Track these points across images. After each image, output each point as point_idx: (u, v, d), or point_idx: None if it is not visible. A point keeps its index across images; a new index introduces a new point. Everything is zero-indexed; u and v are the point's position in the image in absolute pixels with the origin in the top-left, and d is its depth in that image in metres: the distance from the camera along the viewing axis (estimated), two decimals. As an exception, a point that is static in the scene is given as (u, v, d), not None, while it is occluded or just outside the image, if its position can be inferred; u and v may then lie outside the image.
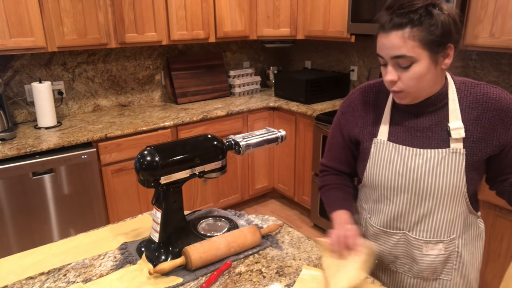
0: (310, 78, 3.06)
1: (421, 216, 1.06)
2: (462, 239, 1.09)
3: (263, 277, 1.05)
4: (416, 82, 0.95)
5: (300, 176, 3.12)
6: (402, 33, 0.91)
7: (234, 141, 1.20)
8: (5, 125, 2.32)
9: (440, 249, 1.07)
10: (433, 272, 1.10)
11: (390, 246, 1.13)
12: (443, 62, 0.96)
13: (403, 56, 0.92)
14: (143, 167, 1.03)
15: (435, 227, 1.06)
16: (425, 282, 1.12)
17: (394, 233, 1.11)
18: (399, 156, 1.05)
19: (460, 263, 1.09)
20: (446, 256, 1.08)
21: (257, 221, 1.34)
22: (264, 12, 3.20)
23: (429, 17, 0.90)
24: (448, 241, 1.07)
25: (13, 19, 2.20)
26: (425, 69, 0.94)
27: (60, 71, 2.76)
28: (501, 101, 0.98)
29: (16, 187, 2.15)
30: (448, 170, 1.01)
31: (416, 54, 0.92)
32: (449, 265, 1.09)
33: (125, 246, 1.18)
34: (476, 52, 2.45)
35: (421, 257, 1.09)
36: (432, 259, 1.08)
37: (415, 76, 0.94)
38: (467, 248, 1.10)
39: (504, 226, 1.94)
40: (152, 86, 3.23)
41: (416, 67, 0.93)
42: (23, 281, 1.05)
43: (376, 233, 1.15)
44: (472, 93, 1.01)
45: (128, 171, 2.55)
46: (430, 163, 1.01)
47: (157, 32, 2.76)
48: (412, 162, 1.03)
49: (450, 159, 1.00)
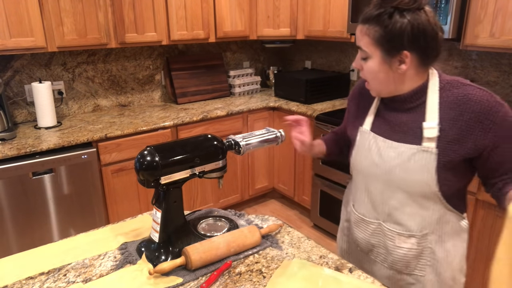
0: (310, 78, 3.06)
1: (393, 208, 1.10)
2: (436, 236, 1.09)
3: (263, 277, 1.05)
4: (372, 77, 1.04)
5: (300, 176, 3.13)
6: (362, 28, 1.00)
7: (234, 141, 1.20)
8: (5, 125, 2.32)
9: (413, 243, 1.09)
10: (406, 265, 1.12)
11: (368, 234, 1.19)
12: (398, 67, 0.99)
13: (360, 48, 1.02)
14: (143, 167, 1.03)
15: (406, 221, 1.09)
16: (400, 275, 1.15)
17: (371, 222, 1.17)
18: (376, 146, 1.10)
19: (433, 259, 1.10)
20: (419, 251, 1.10)
21: (257, 221, 1.34)
22: (264, 12, 3.20)
23: (388, 19, 0.95)
24: (420, 236, 1.09)
25: (13, 19, 2.20)
26: (377, 67, 1.01)
27: (60, 71, 2.76)
28: (481, 103, 0.97)
29: (16, 187, 2.15)
30: (418, 167, 1.02)
31: (369, 50, 1.00)
32: (422, 261, 1.11)
33: (125, 246, 1.18)
34: (476, 52, 2.45)
35: (394, 249, 1.12)
36: (404, 252, 1.11)
37: (369, 70, 1.03)
38: (443, 246, 1.10)
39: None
40: (152, 86, 3.23)
41: (369, 62, 1.02)
42: (23, 281, 1.05)
43: (358, 220, 1.21)
44: (454, 93, 1.01)
45: (128, 171, 2.55)
46: (401, 157, 1.05)
47: (157, 32, 2.76)
48: (386, 153, 1.08)
49: (420, 157, 1.02)
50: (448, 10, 2.16)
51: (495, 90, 2.40)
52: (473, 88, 1.00)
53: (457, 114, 0.99)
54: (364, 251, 1.23)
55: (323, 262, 1.11)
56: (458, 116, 0.99)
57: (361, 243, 1.23)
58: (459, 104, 0.99)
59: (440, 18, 2.20)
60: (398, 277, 1.16)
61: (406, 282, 1.15)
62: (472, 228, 2.08)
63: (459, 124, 0.99)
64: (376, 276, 1.21)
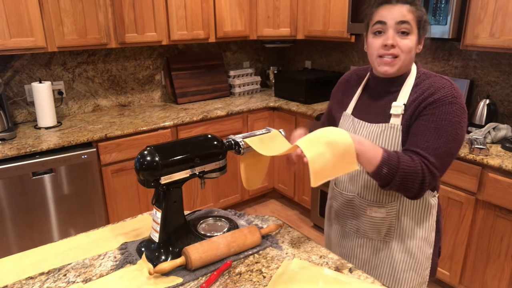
0: (310, 78, 3.06)
1: (366, 180, 1.23)
2: (402, 207, 1.22)
3: (263, 277, 1.05)
4: (407, 52, 1.12)
5: (300, 176, 3.12)
6: (406, 7, 1.11)
7: (234, 141, 1.20)
8: (5, 125, 2.32)
9: (382, 212, 1.23)
10: (377, 233, 1.26)
11: (344, 206, 1.32)
12: (418, 47, 1.16)
13: (407, 21, 1.10)
14: (143, 167, 1.03)
15: (377, 193, 1.22)
16: (370, 241, 1.29)
17: (347, 195, 1.30)
18: (352, 127, 1.25)
19: (399, 228, 1.24)
20: (388, 220, 1.23)
21: (257, 221, 1.34)
22: (264, 12, 3.20)
23: (420, 4, 1.14)
24: (389, 207, 1.22)
25: (13, 19, 2.20)
26: (414, 43, 1.13)
27: (60, 71, 2.76)
28: (434, 94, 1.10)
29: (16, 187, 2.15)
30: (387, 142, 1.17)
31: (412, 26, 1.11)
32: (392, 228, 1.24)
33: (125, 246, 1.18)
34: (476, 52, 2.45)
35: (365, 219, 1.26)
36: (375, 221, 1.25)
37: (408, 45, 1.12)
38: (409, 216, 1.23)
39: (504, 226, 1.94)
40: (152, 86, 3.23)
41: (410, 37, 1.12)
42: (23, 281, 1.05)
43: (336, 194, 1.35)
44: (426, 83, 1.14)
45: (128, 171, 2.55)
46: (372, 134, 1.19)
47: (157, 32, 2.76)
48: (359, 132, 1.22)
49: (388, 133, 1.16)
50: (448, 10, 2.16)
51: (495, 90, 2.40)
52: (439, 77, 1.14)
53: (416, 97, 1.14)
54: (340, 223, 1.37)
55: (323, 262, 1.11)
56: (416, 98, 1.14)
57: (336, 216, 1.37)
58: (424, 89, 1.13)
59: (440, 18, 2.20)
60: (369, 244, 1.29)
61: (376, 248, 1.29)
62: (472, 228, 2.08)
63: (416, 102, 1.13)
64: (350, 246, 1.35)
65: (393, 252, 1.26)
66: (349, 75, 1.37)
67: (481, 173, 1.96)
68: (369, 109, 1.23)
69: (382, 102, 1.21)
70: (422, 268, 1.28)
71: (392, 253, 1.26)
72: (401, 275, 1.27)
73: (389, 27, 1.11)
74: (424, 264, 1.28)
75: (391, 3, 1.12)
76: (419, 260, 1.27)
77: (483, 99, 2.32)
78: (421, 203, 1.22)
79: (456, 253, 2.16)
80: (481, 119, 2.29)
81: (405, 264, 1.26)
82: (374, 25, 1.14)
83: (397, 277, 1.28)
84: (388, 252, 1.27)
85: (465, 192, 2.05)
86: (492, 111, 2.28)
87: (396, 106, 1.15)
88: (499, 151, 2.02)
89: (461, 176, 2.04)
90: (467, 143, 2.12)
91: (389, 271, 1.28)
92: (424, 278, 1.31)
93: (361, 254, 1.32)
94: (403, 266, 1.26)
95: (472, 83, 2.47)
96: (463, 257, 2.14)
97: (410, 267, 1.27)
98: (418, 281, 1.29)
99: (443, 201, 2.15)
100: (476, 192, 2.00)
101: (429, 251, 1.28)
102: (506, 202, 1.89)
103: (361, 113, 1.25)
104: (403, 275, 1.27)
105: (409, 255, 1.25)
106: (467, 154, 1.99)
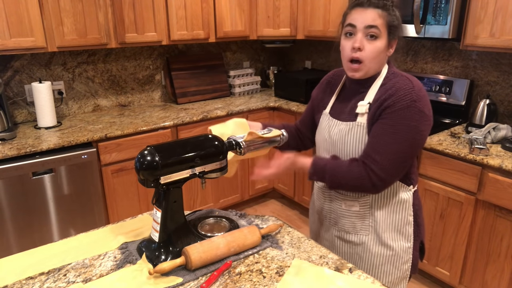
0: (310, 78, 3.06)
1: None
2: (374, 201, 1.26)
3: (263, 277, 1.05)
4: (374, 56, 1.16)
5: (300, 176, 3.13)
6: (376, 11, 1.14)
7: (235, 141, 1.19)
8: (5, 125, 2.32)
9: (356, 206, 1.28)
10: (353, 227, 1.31)
11: (323, 201, 1.38)
12: (389, 50, 1.20)
13: (375, 26, 1.14)
14: (143, 166, 1.03)
15: None
16: (348, 234, 1.33)
17: (325, 190, 1.36)
18: (327, 125, 1.31)
19: (374, 221, 1.28)
20: (362, 214, 1.28)
21: (257, 221, 1.34)
22: (264, 12, 3.20)
23: (392, 9, 1.16)
24: (362, 201, 1.27)
25: (13, 19, 2.20)
26: (382, 47, 1.16)
27: (60, 71, 2.76)
28: (393, 95, 1.14)
29: (16, 187, 2.15)
30: (354, 139, 1.22)
31: (381, 31, 1.15)
32: (366, 222, 1.29)
33: (125, 246, 1.18)
34: (476, 52, 2.45)
35: (341, 212, 1.32)
36: (350, 214, 1.30)
37: (376, 49, 1.15)
38: (383, 210, 1.27)
39: (504, 226, 1.94)
40: (152, 86, 3.23)
41: (378, 42, 1.15)
42: (23, 281, 1.05)
43: (316, 190, 1.42)
44: (390, 83, 1.17)
45: (128, 171, 2.55)
46: (341, 132, 1.25)
47: (157, 32, 2.76)
48: (332, 130, 1.28)
49: (355, 130, 1.22)
50: (448, 10, 2.16)
51: (495, 90, 2.40)
52: (404, 78, 1.17)
53: (381, 95, 1.17)
54: (321, 218, 1.42)
55: (323, 262, 1.11)
56: (380, 97, 1.17)
57: (318, 210, 1.42)
58: (387, 89, 1.17)
59: (440, 18, 2.20)
60: (347, 239, 1.33)
61: (353, 243, 1.33)
62: (472, 228, 2.08)
63: (378, 103, 1.17)
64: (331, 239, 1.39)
65: (369, 245, 1.30)
66: (331, 76, 1.42)
67: (481, 173, 1.96)
68: (343, 108, 1.29)
69: (352, 102, 1.26)
70: (400, 262, 1.30)
71: (369, 245, 1.30)
72: (379, 268, 1.31)
73: (358, 31, 1.16)
74: (402, 257, 1.30)
75: (363, 6, 1.15)
76: (396, 252, 1.29)
77: (483, 99, 2.32)
78: (392, 197, 1.26)
79: (456, 253, 2.16)
80: (481, 119, 2.29)
81: (382, 257, 1.29)
82: (345, 27, 1.20)
83: (375, 271, 1.32)
84: (365, 245, 1.30)
85: (465, 192, 2.05)
86: (492, 111, 2.28)
87: (361, 105, 1.21)
88: (499, 151, 2.02)
89: (461, 176, 2.04)
90: (467, 143, 2.12)
91: (368, 264, 1.32)
92: (404, 273, 1.32)
93: (341, 247, 1.36)
94: (380, 259, 1.30)
95: (472, 83, 2.47)
96: (463, 257, 2.14)
97: (387, 260, 1.30)
98: (397, 275, 1.31)
99: (443, 201, 2.15)
100: (476, 192, 2.00)
101: (406, 245, 1.30)
102: (506, 202, 1.89)
103: (336, 112, 1.31)
104: (380, 268, 1.31)
105: (384, 247, 1.28)
106: (467, 154, 1.99)
